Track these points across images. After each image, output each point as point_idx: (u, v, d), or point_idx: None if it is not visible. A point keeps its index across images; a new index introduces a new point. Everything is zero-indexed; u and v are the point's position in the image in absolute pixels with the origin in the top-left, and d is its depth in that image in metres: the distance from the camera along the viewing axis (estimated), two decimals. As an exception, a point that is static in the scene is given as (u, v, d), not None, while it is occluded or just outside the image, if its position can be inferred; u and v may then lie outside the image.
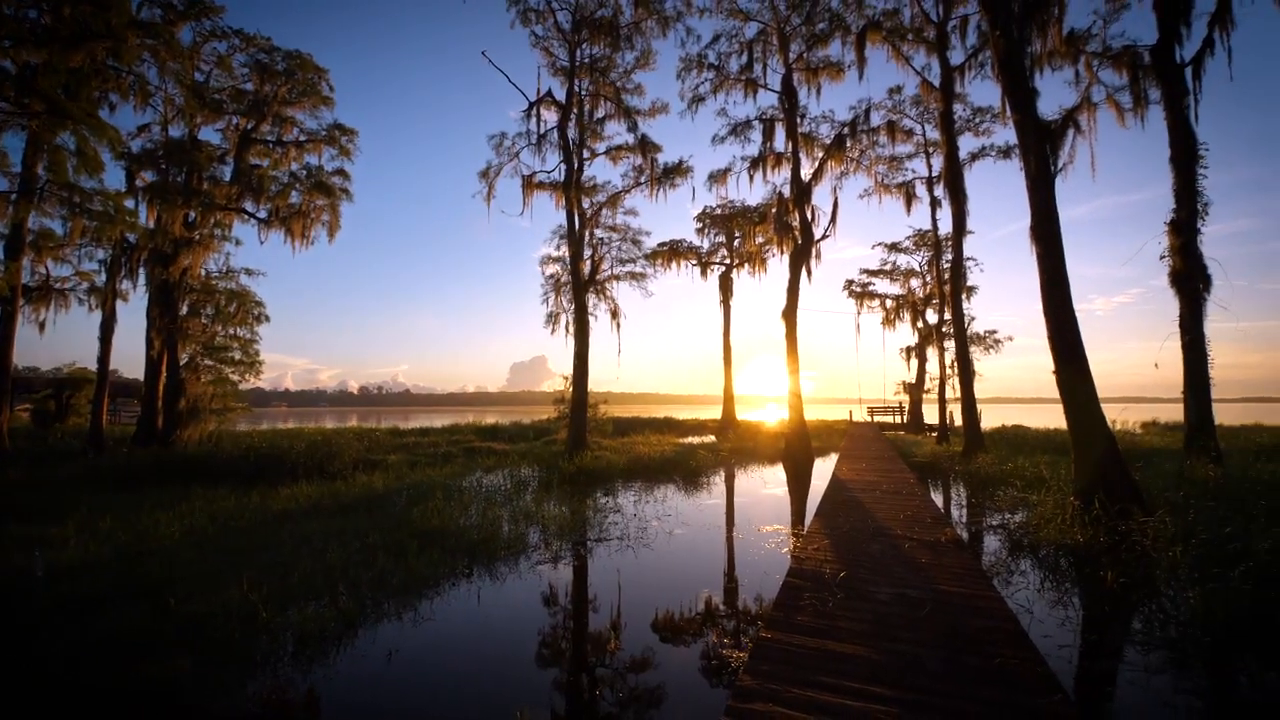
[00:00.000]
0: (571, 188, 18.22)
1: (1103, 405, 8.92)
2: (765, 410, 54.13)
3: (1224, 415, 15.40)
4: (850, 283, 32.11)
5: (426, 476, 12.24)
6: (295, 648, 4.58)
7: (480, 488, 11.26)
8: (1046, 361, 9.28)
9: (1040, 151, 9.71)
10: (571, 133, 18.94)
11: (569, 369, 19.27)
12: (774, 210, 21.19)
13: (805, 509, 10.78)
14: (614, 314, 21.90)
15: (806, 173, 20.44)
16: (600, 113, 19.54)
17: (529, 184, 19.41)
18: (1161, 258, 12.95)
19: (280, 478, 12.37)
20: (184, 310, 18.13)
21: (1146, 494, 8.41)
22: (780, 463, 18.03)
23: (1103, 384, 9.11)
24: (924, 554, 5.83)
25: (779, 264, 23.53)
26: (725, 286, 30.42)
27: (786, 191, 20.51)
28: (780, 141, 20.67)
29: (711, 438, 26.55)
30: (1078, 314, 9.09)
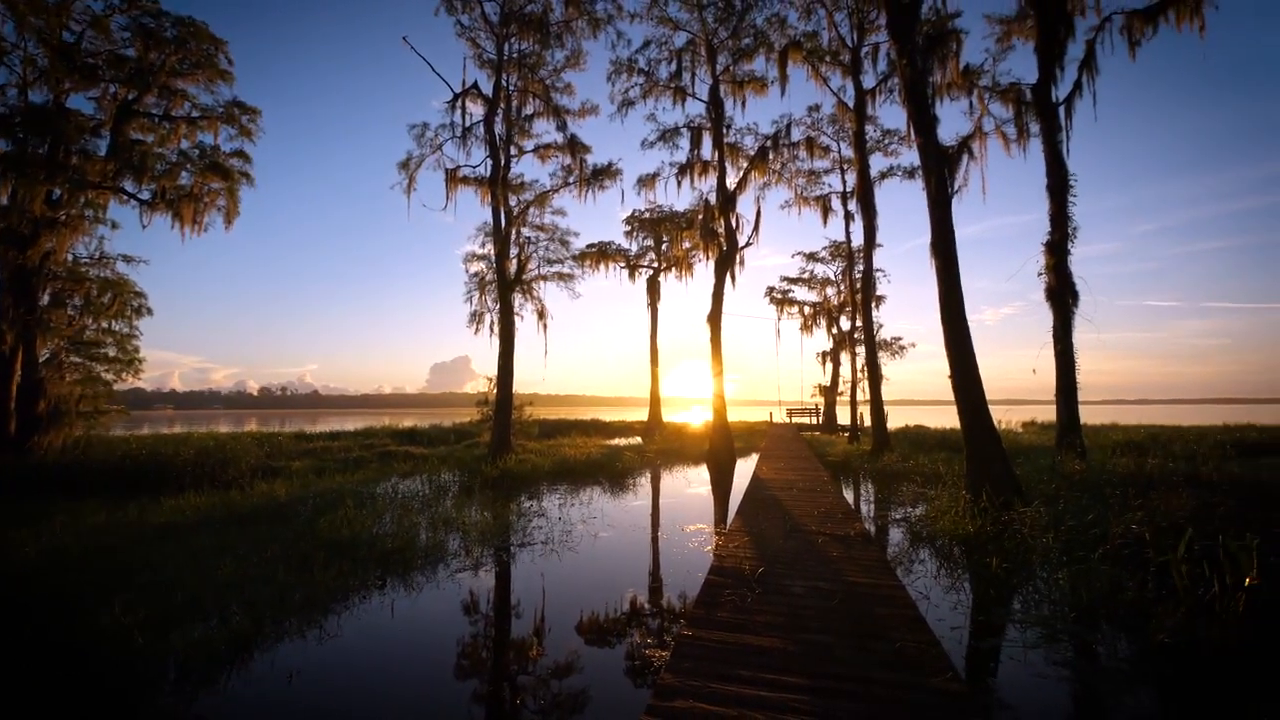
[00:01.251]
0: (498, 184, 17.77)
1: (990, 407, 9.83)
2: (691, 412, 55.32)
3: (1088, 416, 17.47)
4: (771, 289, 33.49)
5: (336, 483, 11.48)
6: (178, 675, 4.14)
7: (396, 494, 10.71)
8: (945, 366, 10.10)
9: (939, 174, 10.57)
10: (499, 128, 18.49)
11: (493, 370, 18.78)
12: (700, 217, 21.72)
13: (728, 508, 11.08)
14: (540, 314, 21.56)
15: (731, 182, 21.11)
16: (529, 109, 19.22)
17: (453, 178, 18.73)
18: (1039, 275, 14.49)
19: (164, 488, 11.17)
20: (45, 300, 15.96)
21: (1026, 487, 9.35)
22: (704, 463, 18.46)
23: (991, 387, 10.05)
24: (835, 548, 6.16)
25: (705, 269, 24.15)
26: (653, 290, 30.79)
27: (713, 199, 21.07)
28: (707, 150, 21.23)
29: (638, 439, 26.76)
30: (970, 324, 9.97)
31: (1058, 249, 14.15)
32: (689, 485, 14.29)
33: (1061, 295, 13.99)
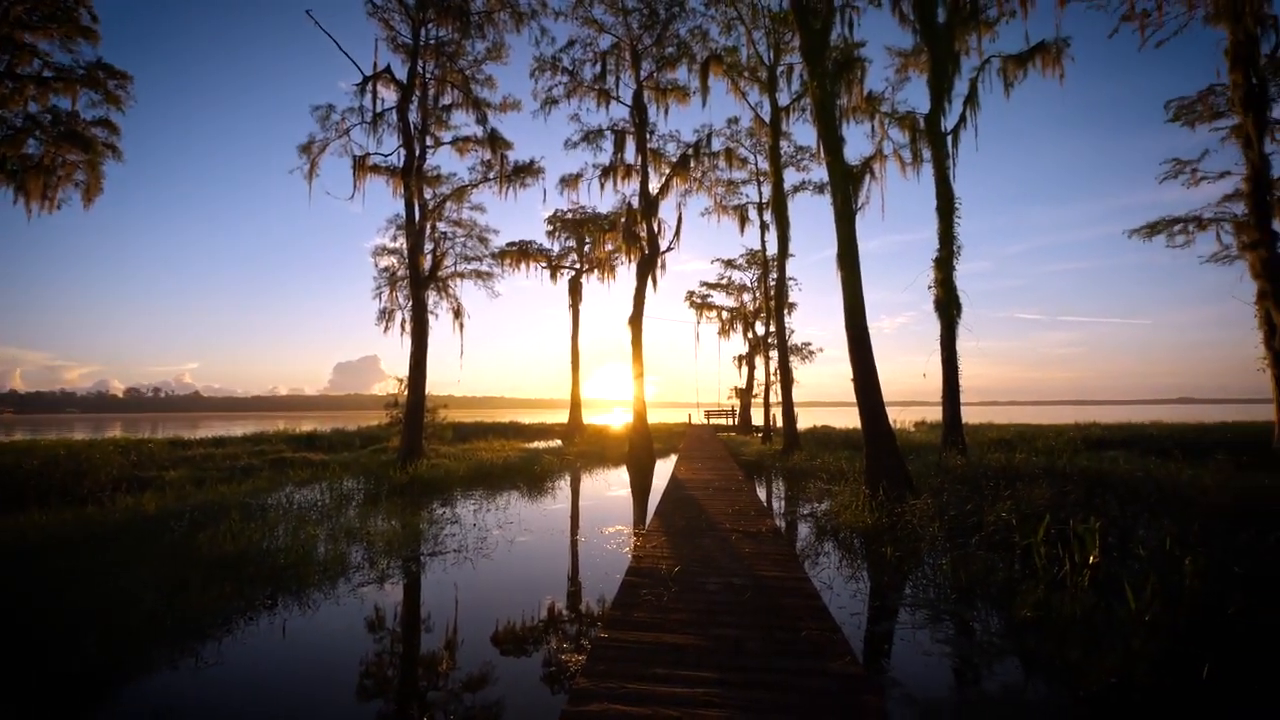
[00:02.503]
0: (412, 175, 16.94)
1: (888, 408, 10.63)
2: (612, 414, 55.48)
3: (969, 416, 19.33)
4: (691, 294, 34.35)
5: (219, 494, 10.40)
6: (13, 722, 3.57)
7: (291, 504, 9.88)
8: (849, 370, 10.79)
9: (845, 190, 11.32)
10: (413, 116, 17.63)
11: (404, 370, 17.86)
12: (623, 220, 21.87)
13: (647, 509, 11.20)
14: (457, 313, 20.77)
15: (654, 187, 21.43)
16: (447, 99, 18.48)
17: (361, 166, 17.63)
18: (929, 288, 15.87)
19: (-1, 504, 9.60)
20: None
21: (916, 481, 10.19)
22: (625, 465, 18.56)
23: (888, 390, 10.87)
24: (748, 544, 6.40)
25: (627, 272, 24.37)
26: (575, 291, 30.60)
27: (635, 202, 21.28)
28: (631, 154, 21.42)
29: (558, 442, 26.45)
30: (870, 331, 10.73)
31: (945, 265, 15.57)
32: (609, 487, 14.31)
33: (947, 307, 15.41)
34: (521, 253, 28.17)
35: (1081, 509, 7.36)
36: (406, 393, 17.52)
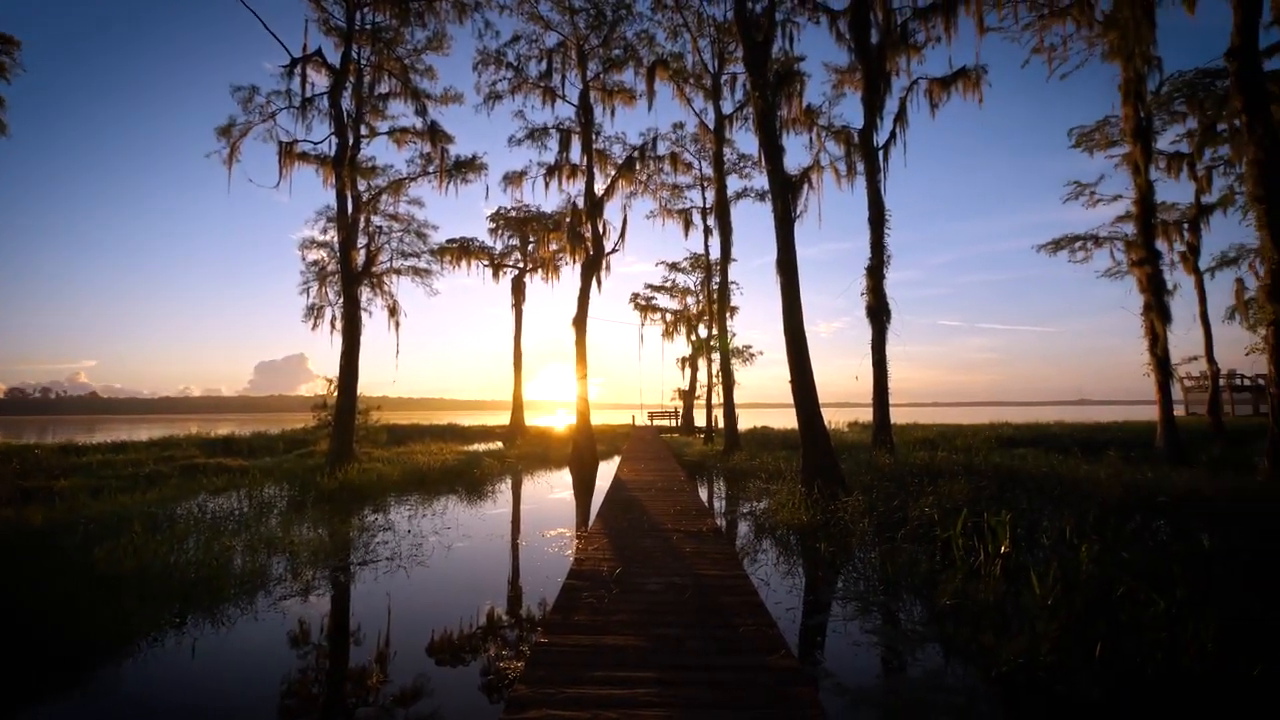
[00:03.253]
0: (344, 165, 16.13)
1: (823, 409, 11.05)
2: (555, 416, 54.86)
3: (897, 417, 20.40)
4: (636, 296, 34.53)
5: (120, 505, 9.51)
6: None
7: (204, 514, 9.16)
8: (787, 373, 11.14)
9: (785, 198, 11.70)
10: (347, 104, 16.80)
11: (334, 370, 16.96)
12: (568, 219, 21.71)
13: (589, 510, 11.14)
14: (392, 311, 19.92)
15: (600, 187, 21.39)
16: (383, 88, 17.73)
17: (289, 153, 16.64)
18: (861, 295, 16.64)
19: None
20: None
21: (849, 479, 10.65)
22: (567, 467, 18.39)
23: (824, 392, 11.32)
24: (689, 544, 6.49)
25: (571, 272, 24.16)
26: (518, 290, 30.07)
27: (580, 203, 21.17)
28: (576, 154, 21.28)
29: (499, 445, 25.88)
30: (807, 335, 11.14)
31: (876, 273, 16.38)
32: (551, 490, 14.14)
33: (878, 313, 16.21)
34: (462, 250, 27.41)
35: (995, 503, 7.91)
36: (336, 394, 16.64)
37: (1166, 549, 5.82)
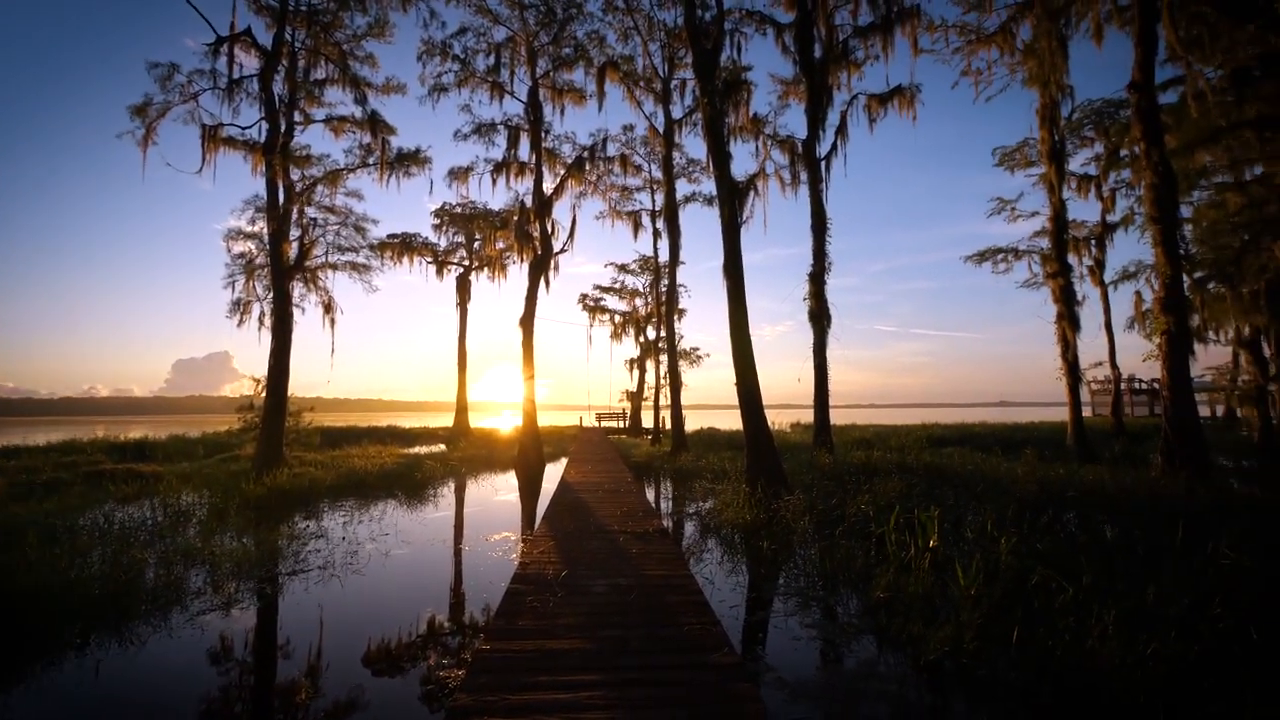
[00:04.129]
0: (275, 153, 15.25)
1: (767, 411, 11.34)
2: (501, 417, 53.84)
3: (837, 418, 21.25)
4: (585, 297, 34.37)
5: (9, 515, 8.61)
6: None
7: (111, 525, 8.42)
8: (733, 375, 11.36)
9: (732, 204, 11.94)
10: (279, 88, 15.90)
11: (262, 369, 16.00)
12: (516, 218, 21.35)
13: (535, 513, 10.98)
14: (327, 308, 18.98)
15: (549, 186, 21.15)
16: (320, 74, 16.87)
17: (213, 138, 15.57)
18: (804, 300, 17.19)
19: None
20: None
21: (791, 479, 10.97)
22: (513, 469, 18.07)
23: (768, 394, 11.60)
24: (635, 545, 6.50)
25: (519, 271, 23.75)
26: (463, 288, 29.31)
27: (529, 201, 20.87)
28: (525, 151, 20.96)
29: (442, 447, 25.13)
30: (753, 338, 11.40)
31: (817, 279, 16.97)
32: (496, 492, 13.85)
33: (819, 317, 16.80)
34: (404, 246, 26.48)
35: (925, 499, 8.35)
36: (264, 394, 15.69)
37: (1075, 540, 6.31)
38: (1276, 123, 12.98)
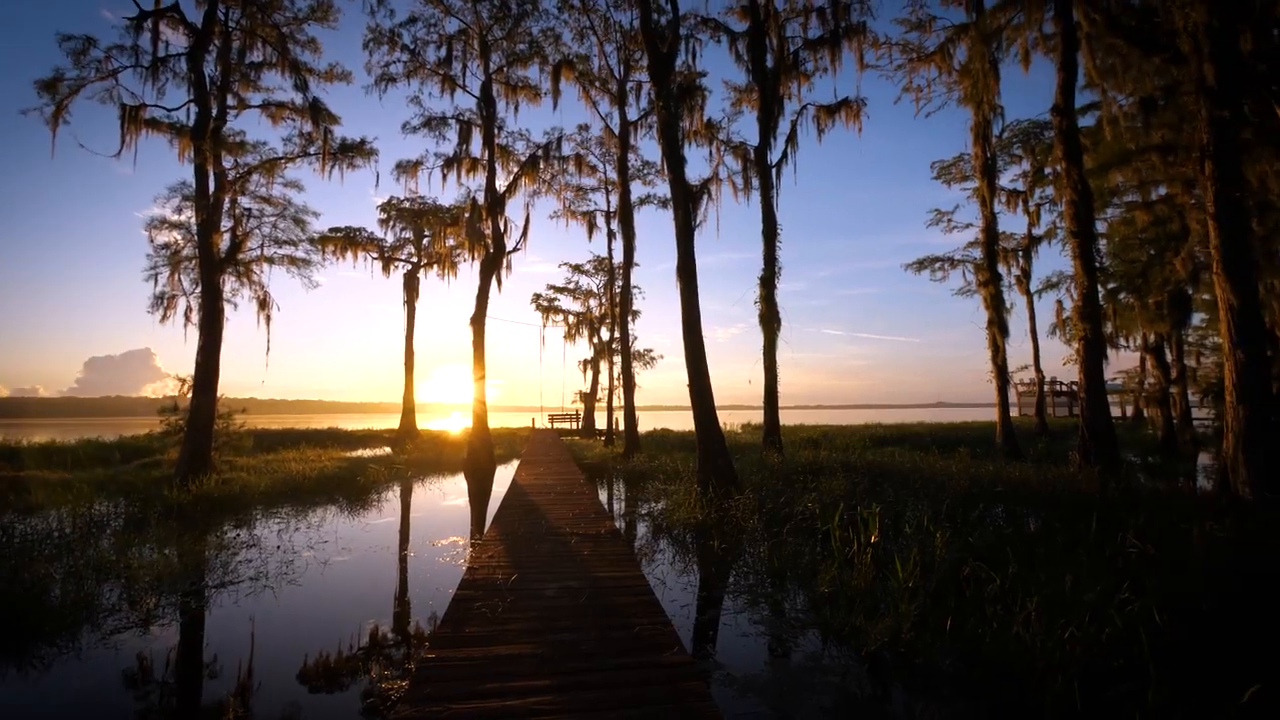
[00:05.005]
0: (205, 138, 14.32)
1: (719, 412, 11.51)
2: (451, 419, 52.44)
3: (786, 418, 21.83)
4: (538, 296, 33.97)
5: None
6: None
7: (12, 537, 7.68)
8: (686, 376, 11.48)
9: (685, 207, 12.07)
10: (211, 70, 14.96)
11: (189, 368, 15.00)
12: (467, 215, 20.88)
13: (485, 517, 10.75)
14: (262, 303, 17.97)
15: (501, 184, 20.79)
16: (256, 56, 15.97)
17: (134, 119, 14.48)
18: (755, 303, 17.57)
19: None
20: None
21: (741, 478, 11.18)
22: (462, 472, 17.63)
23: (721, 395, 11.80)
24: (587, 546, 6.46)
25: (470, 269, 23.18)
26: (411, 286, 28.42)
27: (481, 198, 20.45)
28: (477, 147, 20.55)
29: (387, 450, 24.24)
30: (705, 340, 11.56)
31: (768, 283, 17.39)
32: (445, 496, 13.48)
33: (770, 321, 17.21)
34: (348, 240, 25.46)
35: (868, 496, 8.68)
36: (191, 395, 14.70)
37: (1002, 533, 6.71)
38: (1177, 148, 14.22)
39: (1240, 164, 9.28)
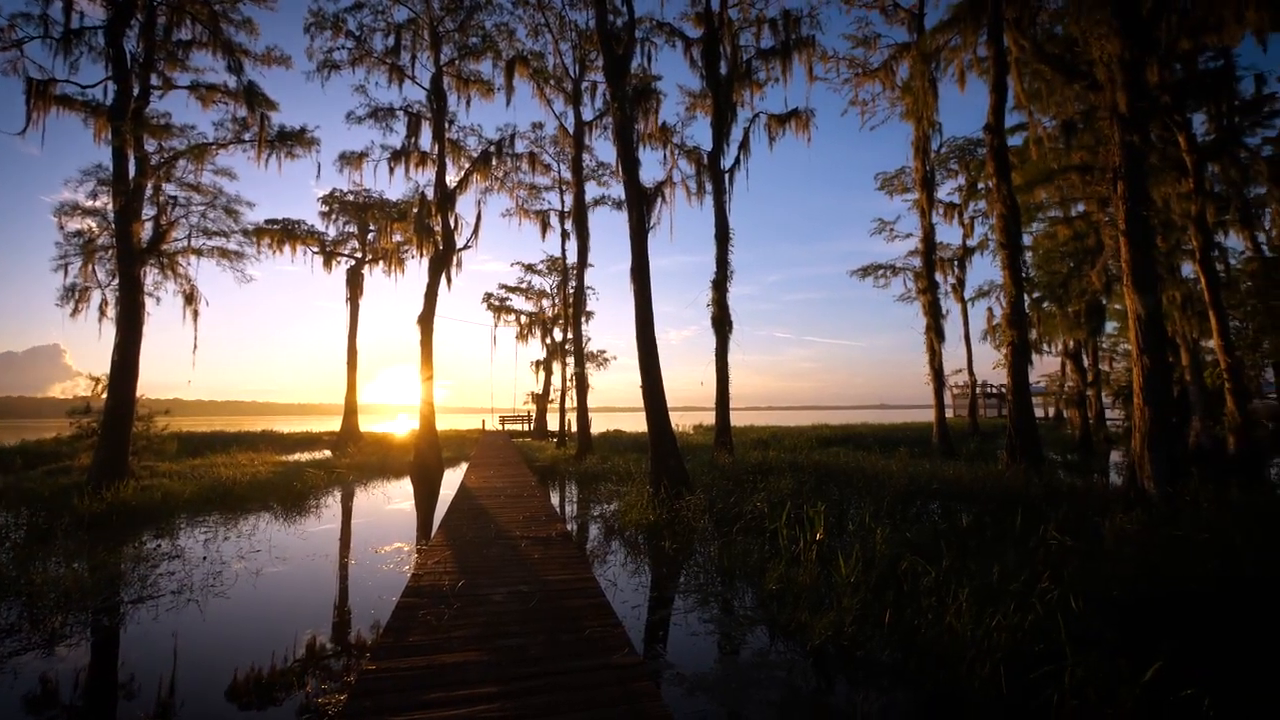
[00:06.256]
0: (126, 119, 13.31)
1: (672, 413, 11.61)
2: (397, 421, 50.62)
3: (737, 419, 22.25)
4: (490, 296, 33.29)
5: None
6: None
7: (-112, 554, 6.90)
8: (639, 377, 11.51)
9: (640, 209, 12.12)
10: (132, 46, 13.92)
11: (104, 366, 13.88)
12: (416, 210, 20.24)
13: (432, 522, 10.44)
14: (189, 298, 16.83)
15: (452, 179, 20.28)
16: (185, 34, 14.95)
17: (43, 95, 13.30)
18: (707, 306, 17.82)
19: None
20: None
21: (692, 479, 11.30)
22: (408, 476, 17.07)
23: (673, 397, 11.91)
24: (538, 550, 6.38)
25: (418, 266, 22.50)
26: (354, 282, 27.27)
27: (430, 193, 19.88)
28: (427, 141, 19.95)
29: (327, 453, 23.18)
30: (659, 342, 11.63)
31: (720, 287, 17.67)
32: (389, 501, 13.00)
33: (722, 323, 17.49)
34: (286, 233, 24.19)
35: (814, 495, 8.95)
36: (106, 395, 13.61)
37: (938, 528, 7.05)
38: (1094, 169, 15.37)
39: (1148, 185, 10.12)
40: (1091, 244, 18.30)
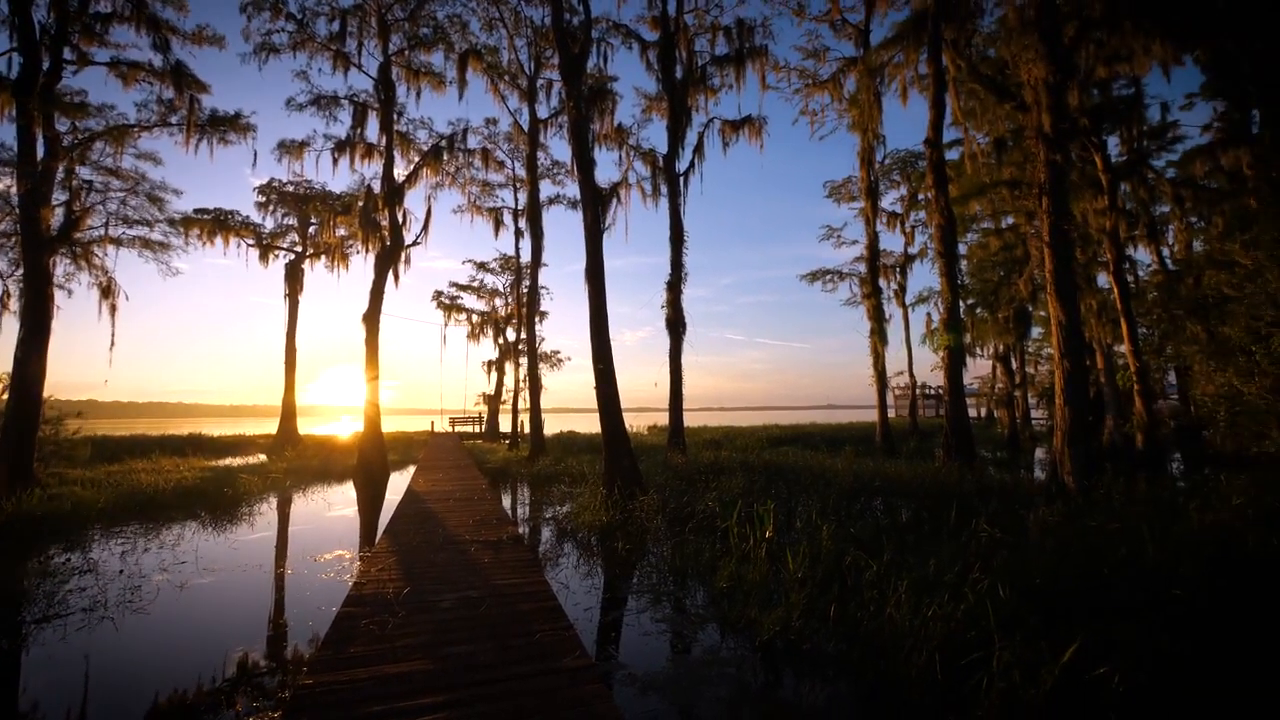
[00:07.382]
0: (34, 95, 12.21)
1: (626, 414, 11.61)
2: (341, 423, 48.53)
3: (690, 420, 22.53)
4: (440, 294, 32.41)
5: None
6: None
7: None
8: (593, 378, 11.45)
9: (595, 209, 12.08)
10: (42, 16, 12.80)
11: (7, 364, 12.69)
12: (362, 203, 19.46)
13: (376, 527, 10.05)
14: (106, 291, 15.60)
15: (401, 173, 19.63)
16: (104, 7, 13.88)
17: (-65, 64, 12.04)
18: (661, 307, 17.95)
19: None
20: None
21: (646, 479, 11.34)
22: (351, 480, 16.39)
23: (628, 397, 11.91)
24: (488, 554, 6.25)
25: (364, 262, 21.69)
26: (294, 278, 25.96)
27: (377, 186, 19.16)
28: (374, 132, 19.21)
29: (263, 457, 21.97)
30: (613, 343, 11.61)
31: (674, 288, 17.84)
32: (330, 507, 12.44)
33: (676, 325, 17.66)
34: (218, 224, 22.80)
35: (764, 494, 9.14)
36: (8, 395, 12.44)
37: (879, 523, 7.34)
38: (1021, 184, 16.40)
39: (1069, 201, 10.88)
40: (1020, 255, 19.53)
